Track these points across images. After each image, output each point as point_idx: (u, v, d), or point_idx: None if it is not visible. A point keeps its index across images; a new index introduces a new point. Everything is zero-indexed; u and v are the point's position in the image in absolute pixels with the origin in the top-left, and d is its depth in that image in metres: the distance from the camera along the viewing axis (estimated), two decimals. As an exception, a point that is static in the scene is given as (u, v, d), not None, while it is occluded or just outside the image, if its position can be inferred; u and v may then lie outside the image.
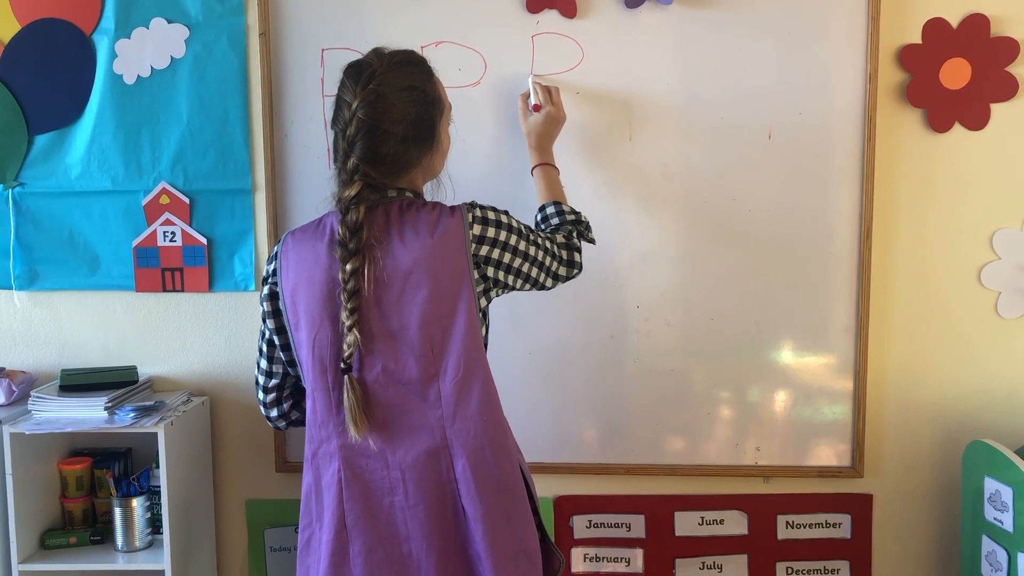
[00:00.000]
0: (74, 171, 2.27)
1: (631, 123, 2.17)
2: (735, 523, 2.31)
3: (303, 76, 2.21)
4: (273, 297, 1.64)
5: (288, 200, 2.25)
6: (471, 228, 1.56)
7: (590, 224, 1.88)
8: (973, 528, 2.12)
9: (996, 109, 2.15)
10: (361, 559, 1.57)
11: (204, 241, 2.28)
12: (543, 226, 1.87)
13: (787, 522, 2.30)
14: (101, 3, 2.21)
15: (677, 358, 2.24)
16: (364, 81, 1.55)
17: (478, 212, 1.59)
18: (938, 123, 2.16)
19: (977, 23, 2.12)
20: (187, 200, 2.27)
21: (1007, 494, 1.99)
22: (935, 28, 2.13)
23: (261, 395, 1.75)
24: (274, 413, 1.76)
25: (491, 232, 1.58)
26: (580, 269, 1.78)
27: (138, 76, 2.23)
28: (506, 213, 1.64)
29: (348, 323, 1.52)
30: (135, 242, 2.29)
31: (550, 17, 2.16)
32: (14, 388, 2.24)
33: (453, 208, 1.59)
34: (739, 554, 2.31)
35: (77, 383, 2.20)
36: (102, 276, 2.31)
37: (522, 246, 1.63)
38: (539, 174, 1.99)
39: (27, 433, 2.05)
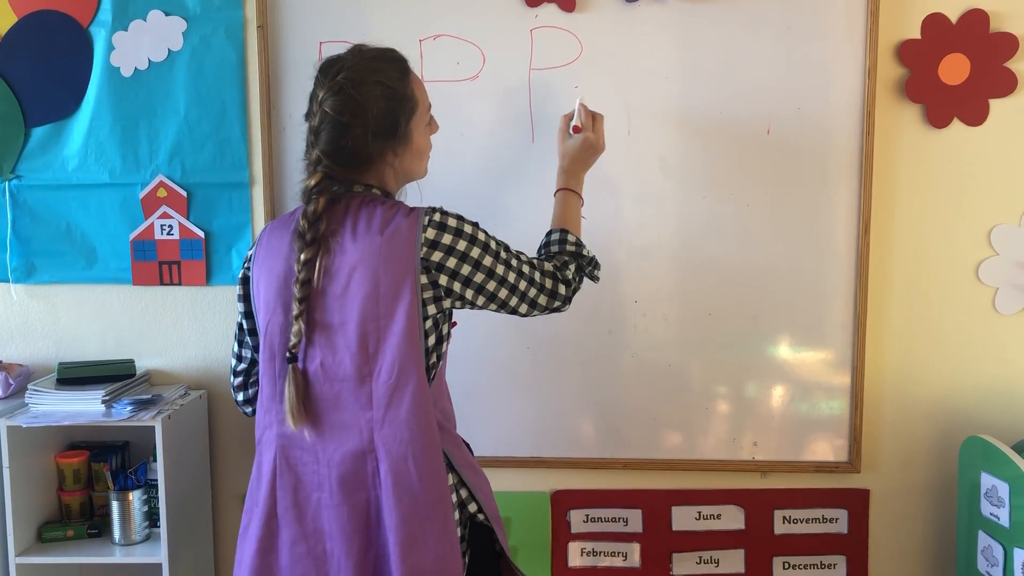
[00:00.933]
0: (71, 164, 2.27)
1: (629, 117, 2.17)
2: (732, 518, 2.31)
3: (301, 69, 2.20)
4: (245, 282, 1.66)
5: (285, 193, 2.24)
6: (424, 231, 1.52)
7: (597, 263, 1.80)
8: (969, 523, 2.13)
9: (995, 105, 2.15)
10: (286, 550, 1.57)
11: (201, 234, 2.28)
12: (542, 252, 1.79)
13: (784, 517, 2.31)
14: (98, -5, 2.21)
15: (675, 353, 2.24)
16: (332, 74, 1.55)
17: (437, 217, 1.54)
18: (937, 119, 2.16)
19: (976, 19, 2.11)
20: (184, 193, 2.26)
21: (1003, 489, 1.99)
22: (934, 23, 2.12)
23: (231, 378, 1.77)
24: (240, 397, 1.77)
25: (447, 239, 1.53)
26: (565, 302, 1.70)
27: (135, 69, 2.22)
28: (474, 225, 1.58)
29: (295, 312, 1.52)
30: (132, 235, 2.28)
31: (549, 11, 2.15)
32: (11, 381, 2.24)
33: (412, 209, 1.56)
34: (736, 549, 2.31)
35: (74, 376, 2.20)
36: (99, 269, 2.31)
37: (487, 261, 1.57)
38: (560, 199, 1.88)
39: (24, 426, 2.05)
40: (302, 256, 1.52)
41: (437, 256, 1.53)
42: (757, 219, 2.19)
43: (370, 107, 1.55)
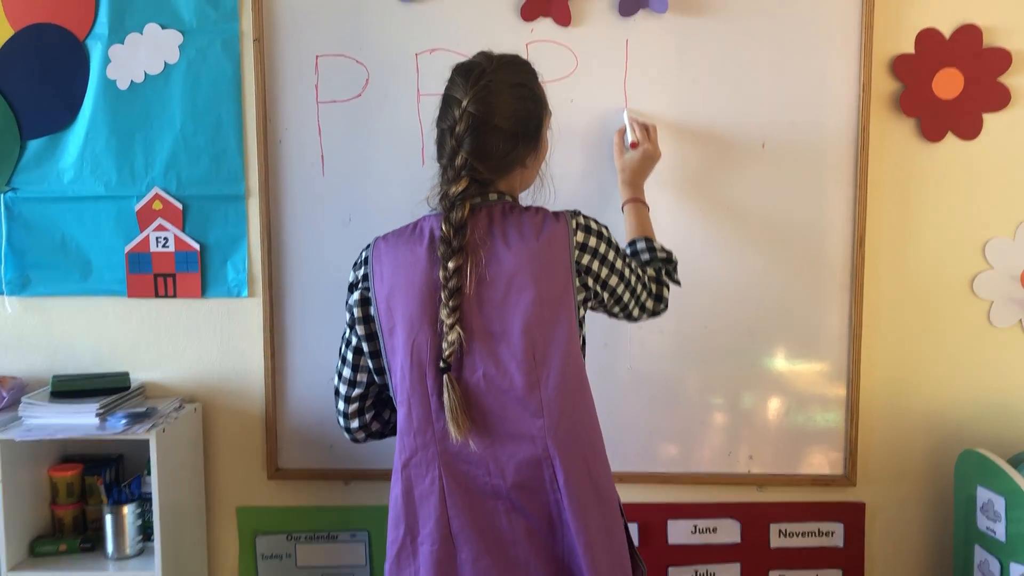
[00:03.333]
0: (67, 176, 2.26)
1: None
2: (728, 531, 2.31)
3: (297, 82, 2.21)
4: (365, 303, 1.62)
5: (282, 206, 2.24)
6: (575, 235, 1.55)
7: (678, 265, 1.88)
8: (966, 537, 2.13)
9: (988, 119, 2.16)
10: (468, 568, 1.52)
11: (197, 247, 2.28)
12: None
13: (780, 530, 2.30)
14: (95, 8, 2.20)
15: (671, 365, 2.24)
16: (475, 78, 1.54)
17: (581, 220, 1.58)
18: (931, 132, 2.17)
19: (969, 33, 2.13)
20: (180, 206, 2.26)
21: (999, 503, 1.99)
22: (928, 38, 2.14)
23: (343, 405, 1.72)
24: (355, 424, 1.73)
25: (592, 242, 1.57)
26: (666, 306, 1.79)
27: (131, 81, 2.22)
28: (607, 228, 1.63)
29: (449, 321, 1.50)
30: (128, 247, 2.28)
31: (544, 25, 2.16)
32: (4, 394, 2.23)
33: (557, 214, 1.57)
34: (732, 562, 2.31)
35: (68, 389, 2.19)
36: (94, 282, 2.30)
37: (619, 264, 1.63)
38: (630, 210, 2.00)
39: (17, 440, 2.04)
40: (450, 264, 1.50)
41: (585, 259, 1.57)
42: (752, 232, 2.19)
43: (517, 110, 1.56)
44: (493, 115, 1.53)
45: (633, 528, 2.29)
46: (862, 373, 2.21)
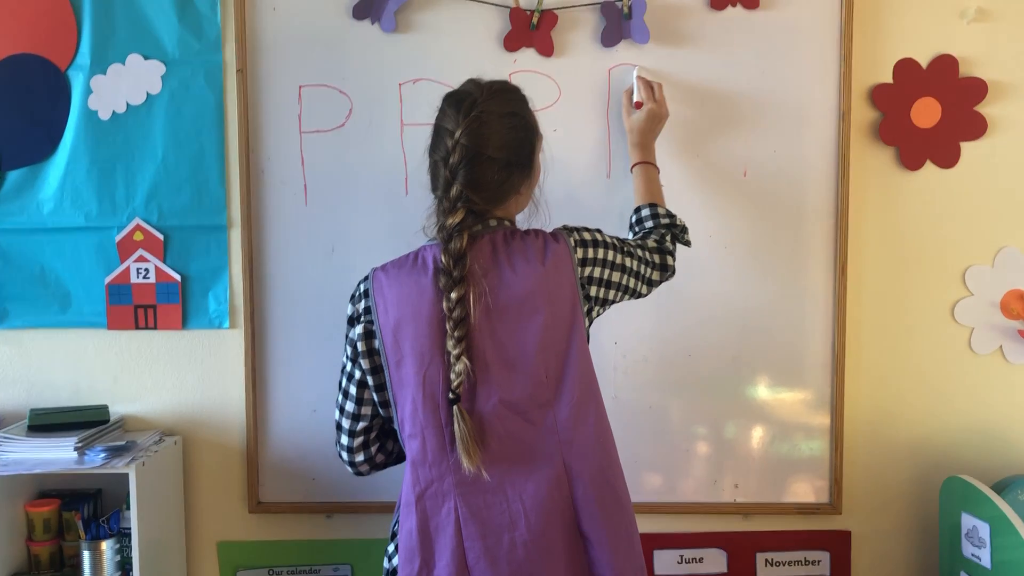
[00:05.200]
0: (46, 207, 2.24)
1: (609, 160, 2.18)
2: (714, 561, 2.29)
3: (280, 113, 2.20)
4: (369, 336, 1.59)
5: (264, 237, 2.23)
6: (575, 252, 1.59)
7: (686, 227, 1.90)
8: (951, 564, 2.12)
9: (966, 147, 2.19)
10: None
11: (178, 278, 2.26)
12: (636, 228, 1.90)
13: (766, 560, 2.29)
14: (77, 39, 2.20)
15: (655, 394, 2.24)
16: (466, 109, 1.54)
17: (577, 236, 1.62)
18: (910, 161, 2.19)
19: (946, 64, 2.16)
20: (161, 236, 2.25)
21: (984, 530, 1.99)
22: (906, 68, 2.17)
23: (346, 439, 1.69)
24: (360, 458, 1.70)
25: (591, 253, 1.61)
26: (673, 272, 1.81)
27: (113, 112, 2.22)
28: (599, 231, 1.67)
29: (456, 352, 1.49)
30: (108, 279, 2.26)
31: (527, 55, 2.17)
32: (-19, 428, 2.19)
33: (556, 235, 1.60)
34: (719, 593, 2.30)
35: (46, 423, 2.16)
36: (73, 314, 2.28)
37: (619, 259, 1.66)
38: (639, 172, 2.01)
39: (-7, 474, 2.01)
40: (452, 294, 1.50)
41: (587, 271, 1.61)
42: (735, 261, 2.20)
43: (510, 140, 1.56)
44: (486, 146, 1.53)
45: (619, 559, 2.28)
46: (845, 400, 2.22)
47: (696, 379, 2.23)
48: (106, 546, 2.11)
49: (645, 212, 1.90)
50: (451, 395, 1.51)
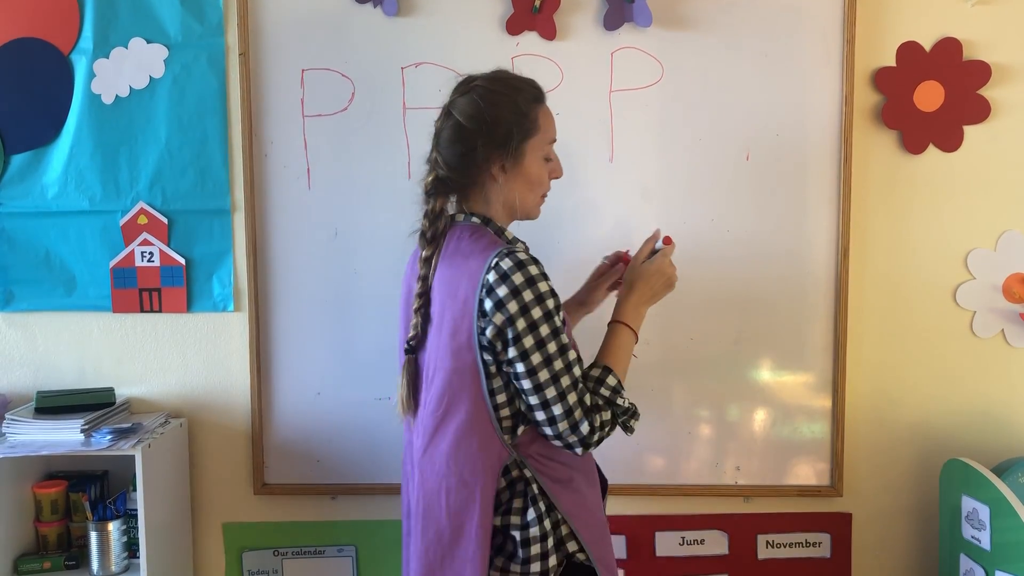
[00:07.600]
0: (51, 191, 2.25)
1: (612, 144, 2.18)
2: (716, 543, 2.31)
3: (283, 96, 2.21)
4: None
5: (267, 220, 2.24)
6: (487, 273, 1.47)
7: (635, 412, 1.60)
8: (951, 546, 2.14)
9: (969, 131, 2.18)
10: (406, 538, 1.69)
11: (182, 261, 2.27)
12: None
13: (767, 541, 2.31)
14: (79, 23, 2.20)
15: (657, 378, 2.25)
16: (467, 81, 1.62)
17: (504, 263, 1.46)
18: (913, 144, 2.19)
19: (950, 47, 2.15)
20: (165, 220, 2.25)
21: (984, 512, 2.00)
22: (909, 51, 2.16)
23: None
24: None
25: (502, 291, 1.45)
26: (583, 445, 1.50)
27: (116, 96, 2.22)
28: (539, 296, 1.46)
29: (415, 306, 1.59)
30: (112, 262, 2.27)
31: (530, 39, 2.17)
32: (-12, 410, 2.21)
33: (495, 248, 1.50)
34: (720, 574, 2.31)
35: (53, 405, 2.17)
36: (79, 297, 2.29)
37: (526, 342, 1.45)
38: (612, 331, 1.68)
39: (0, 457, 2.02)
40: (423, 253, 1.58)
41: (488, 304, 1.46)
42: (737, 244, 2.20)
43: (489, 114, 1.56)
44: (455, 108, 1.58)
45: (621, 540, 2.29)
46: (847, 383, 2.22)
47: (698, 362, 2.24)
48: (113, 527, 2.13)
49: (594, 373, 1.58)
50: (407, 345, 1.63)
